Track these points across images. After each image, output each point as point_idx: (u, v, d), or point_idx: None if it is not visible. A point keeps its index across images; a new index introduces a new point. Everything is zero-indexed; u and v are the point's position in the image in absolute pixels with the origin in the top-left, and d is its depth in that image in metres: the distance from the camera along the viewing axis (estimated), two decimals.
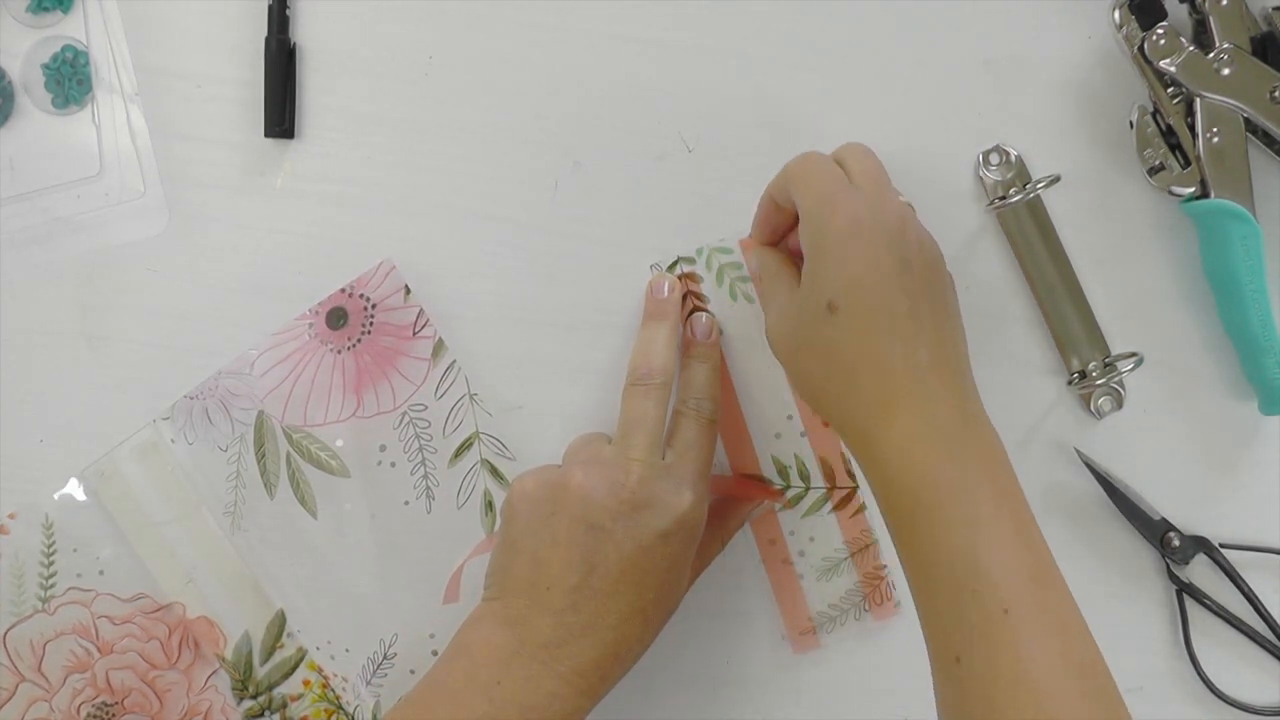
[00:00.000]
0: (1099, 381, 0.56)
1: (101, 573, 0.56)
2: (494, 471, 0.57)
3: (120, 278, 0.57)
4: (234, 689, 0.56)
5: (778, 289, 0.52)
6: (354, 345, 0.56)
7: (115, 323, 0.57)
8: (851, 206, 0.47)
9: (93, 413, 0.56)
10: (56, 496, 0.56)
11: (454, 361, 0.56)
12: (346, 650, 0.56)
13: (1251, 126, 0.54)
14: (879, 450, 0.46)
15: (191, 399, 0.56)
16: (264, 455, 0.56)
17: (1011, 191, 0.56)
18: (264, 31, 0.56)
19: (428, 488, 0.57)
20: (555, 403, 0.57)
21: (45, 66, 0.56)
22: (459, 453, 0.57)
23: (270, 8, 0.56)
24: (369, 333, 0.56)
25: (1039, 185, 0.55)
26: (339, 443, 0.56)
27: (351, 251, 0.57)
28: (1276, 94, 0.54)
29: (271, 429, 0.56)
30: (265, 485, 0.56)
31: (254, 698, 0.56)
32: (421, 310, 0.56)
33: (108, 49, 0.56)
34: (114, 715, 0.56)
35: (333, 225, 0.57)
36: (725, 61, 0.57)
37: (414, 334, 0.56)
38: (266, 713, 0.57)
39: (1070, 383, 0.57)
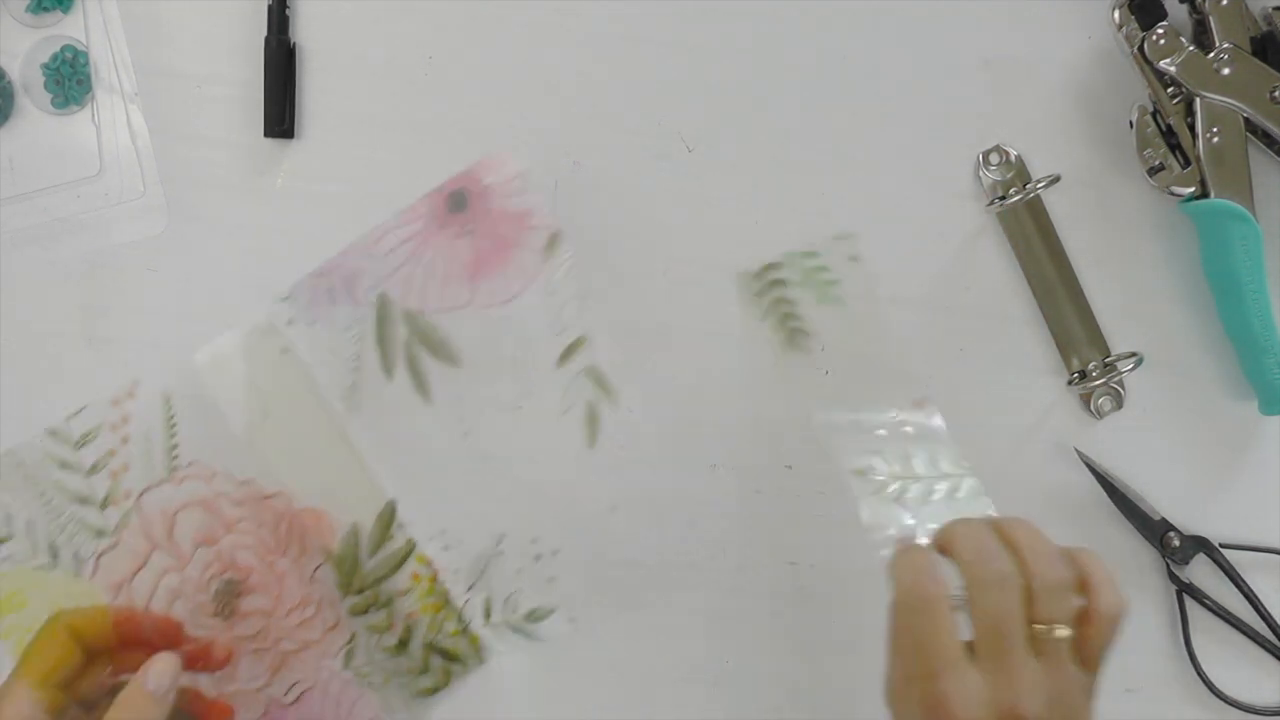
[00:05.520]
0: (1099, 381, 0.56)
1: (216, 452, 0.55)
2: (599, 382, 0.55)
3: (120, 278, 0.57)
4: (339, 585, 0.55)
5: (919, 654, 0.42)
6: (471, 231, 0.55)
7: (115, 323, 0.57)
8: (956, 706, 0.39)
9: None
10: (169, 379, 0.55)
11: (569, 256, 0.55)
12: (461, 542, 0.55)
13: (1251, 126, 0.54)
14: None
15: (316, 277, 0.55)
16: (383, 338, 0.55)
17: (1011, 191, 0.56)
18: (264, 31, 0.56)
19: (532, 390, 0.55)
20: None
21: (45, 66, 0.56)
22: (565, 356, 0.55)
23: (270, 8, 0.56)
24: (486, 219, 0.54)
25: (1039, 185, 0.55)
26: (453, 331, 0.55)
27: None
28: (1276, 94, 0.54)
29: (392, 311, 0.55)
30: (384, 368, 0.55)
31: (359, 593, 0.55)
32: (539, 201, 0.54)
33: (108, 49, 0.56)
34: (239, 594, 0.55)
35: (333, 225, 0.57)
36: (725, 61, 0.57)
37: (529, 225, 0.54)
38: (372, 609, 0.55)
39: (1070, 383, 0.57)
